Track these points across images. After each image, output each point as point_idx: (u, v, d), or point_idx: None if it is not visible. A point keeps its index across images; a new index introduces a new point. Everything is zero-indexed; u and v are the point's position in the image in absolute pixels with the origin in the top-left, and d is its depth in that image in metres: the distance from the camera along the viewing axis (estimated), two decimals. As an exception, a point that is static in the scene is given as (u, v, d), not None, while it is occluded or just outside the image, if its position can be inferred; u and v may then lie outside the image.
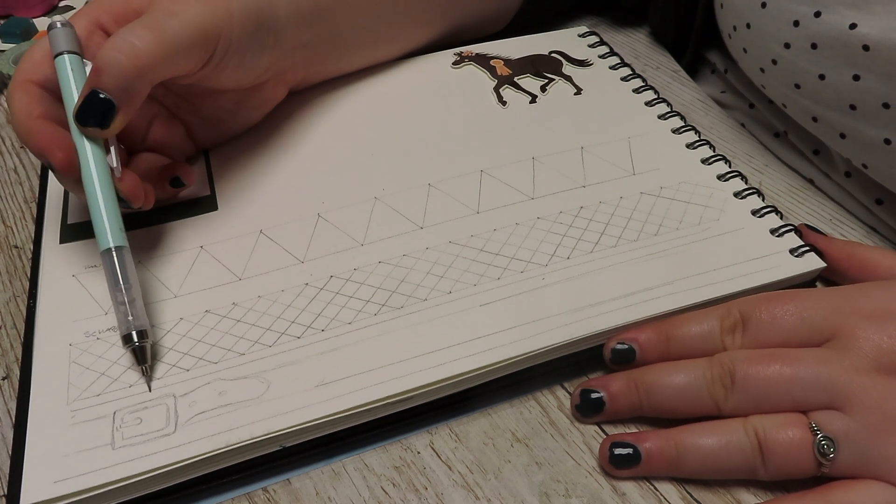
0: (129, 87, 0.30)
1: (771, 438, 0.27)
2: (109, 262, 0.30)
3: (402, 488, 0.28)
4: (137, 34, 0.30)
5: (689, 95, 0.47)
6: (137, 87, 0.30)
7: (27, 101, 0.31)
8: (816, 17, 0.35)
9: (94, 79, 0.29)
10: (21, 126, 0.30)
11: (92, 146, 0.30)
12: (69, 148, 0.30)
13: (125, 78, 0.29)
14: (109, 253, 0.30)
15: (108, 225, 0.30)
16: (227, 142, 0.40)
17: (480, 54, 0.46)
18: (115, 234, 0.30)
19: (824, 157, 0.41)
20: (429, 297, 0.32)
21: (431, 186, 0.37)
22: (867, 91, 0.34)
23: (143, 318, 0.29)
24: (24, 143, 0.30)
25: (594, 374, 0.32)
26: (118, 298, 0.29)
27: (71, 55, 0.31)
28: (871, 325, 0.27)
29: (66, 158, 0.30)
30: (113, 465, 0.26)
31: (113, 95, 0.29)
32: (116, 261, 0.30)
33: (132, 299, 0.29)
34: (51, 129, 0.30)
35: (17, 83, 0.31)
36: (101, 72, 0.29)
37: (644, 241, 0.34)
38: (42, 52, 0.32)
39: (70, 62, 0.31)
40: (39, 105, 0.31)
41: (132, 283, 0.30)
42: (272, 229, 0.35)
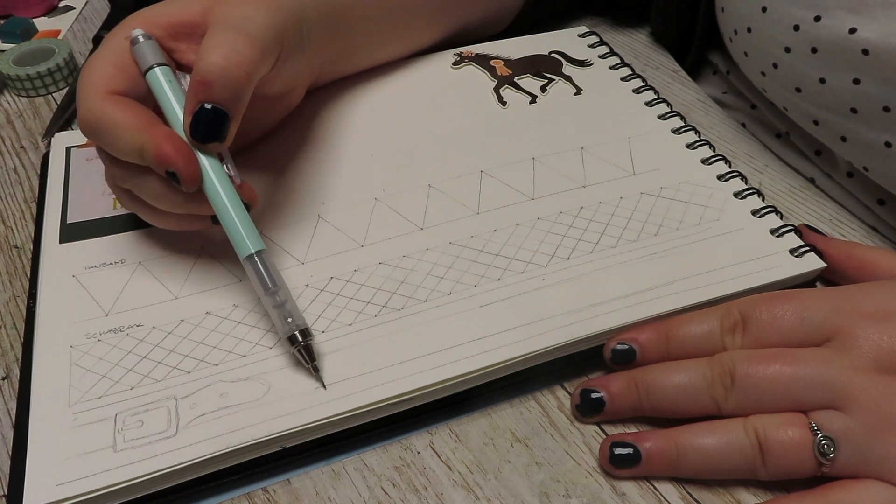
0: (240, 95, 0.29)
1: (771, 438, 0.27)
2: (256, 268, 0.29)
3: (402, 488, 0.28)
4: (235, 40, 0.29)
5: (689, 95, 0.47)
6: (246, 95, 0.30)
7: (133, 110, 0.29)
8: (816, 21, 0.35)
9: (204, 91, 0.29)
10: (139, 134, 0.28)
11: (209, 157, 0.30)
12: (193, 156, 0.29)
13: (237, 87, 0.29)
14: (253, 259, 0.29)
15: (245, 231, 0.29)
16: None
17: (480, 54, 0.46)
18: (254, 240, 0.30)
19: (826, 157, 0.41)
20: (429, 299, 0.32)
21: (431, 187, 0.37)
22: (867, 95, 0.34)
23: (300, 317, 0.29)
24: (137, 154, 0.29)
25: (594, 374, 0.32)
26: (271, 302, 0.29)
27: (163, 67, 0.30)
28: (871, 325, 0.27)
29: (193, 167, 0.29)
30: (115, 467, 0.26)
31: (225, 106, 0.29)
32: (262, 265, 0.29)
33: (284, 300, 0.29)
34: (173, 135, 0.29)
35: (101, 95, 0.29)
36: (211, 84, 0.28)
37: (644, 242, 0.34)
38: (111, 65, 0.30)
39: (163, 75, 0.30)
40: (146, 112, 0.30)
41: (280, 283, 0.29)
42: (272, 230, 0.35)
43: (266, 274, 0.29)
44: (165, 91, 0.30)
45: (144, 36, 0.31)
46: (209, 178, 0.29)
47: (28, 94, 0.49)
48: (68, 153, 0.40)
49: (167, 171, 0.28)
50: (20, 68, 0.49)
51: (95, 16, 0.58)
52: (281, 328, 0.29)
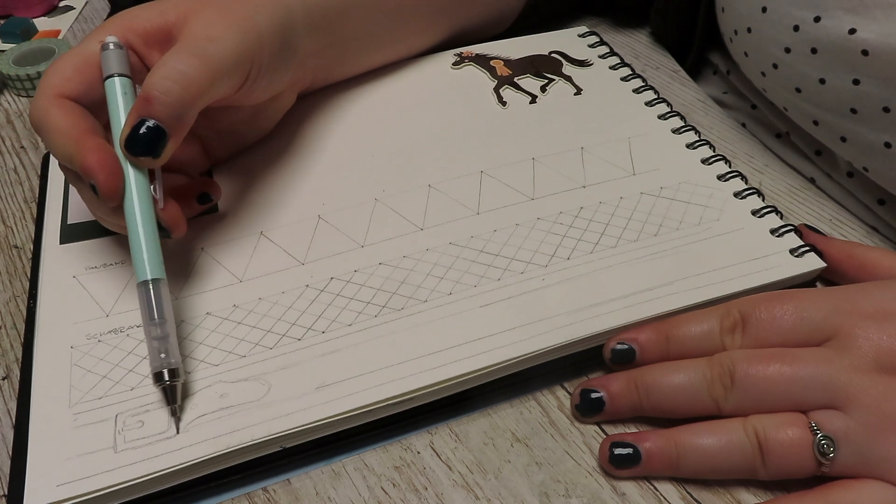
0: (182, 115, 0.29)
1: (771, 438, 0.27)
2: (145, 295, 0.29)
3: (402, 488, 0.28)
4: (186, 61, 0.29)
5: (689, 95, 0.47)
6: (189, 115, 0.30)
7: (72, 116, 0.29)
8: (816, 21, 0.35)
9: (145, 107, 0.29)
10: (70, 142, 0.29)
11: (137, 174, 0.29)
12: (117, 172, 0.29)
13: (178, 106, 0.29)
14: (146, 285, 0.29)
15: (147, 256, 0.29)
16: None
17: (480, 55, 0.46)
18: (153, 267, 0.29)
19: (826, 157, 0.41)
20: (429, 299, 0.32)
21: (431, 187, 0.37)
22: (867, 95, 0.34)
23: (175, 355, 0.28)
24: (67, 160, 0.29)
25: (594, 374, 0.32)
26: (152, 333, 0.28)
27: (122, 78, 0.30)
28: (871, 325, 0.27)
29: (114, 183, 0.29)
30: (115, 468, 0.26)
31: (165, 124, 0.29)
32: (153, 294, 0.29)
33: (165, 335, 0.28)
34: (103, 148, 0.29)
35: (50, 97, 0.30)
36: (152, 100, 0.28)
37: (644, 242, 0.34)
38: (72, 67, 0.31)
39: (120, 85, 0.30)
40: (84, 119, 0.30)
41: (167, 317, 0.29)
42: (273, 231, 0.35)
43: (155, 304, 0.29)
44: (117, 101, 0.30)
45: (116, 44, 0.31)
46: (129, 195, 0.29)
47: (28, 94, 0.50)
48: (68, 153, 0.40)
49: (91, 183, 0.29)
50: (20, 68, 0.49)
51: (95, 16, 0.58)
52: (152, 362, 0.28)
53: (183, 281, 0.33)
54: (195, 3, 0.32)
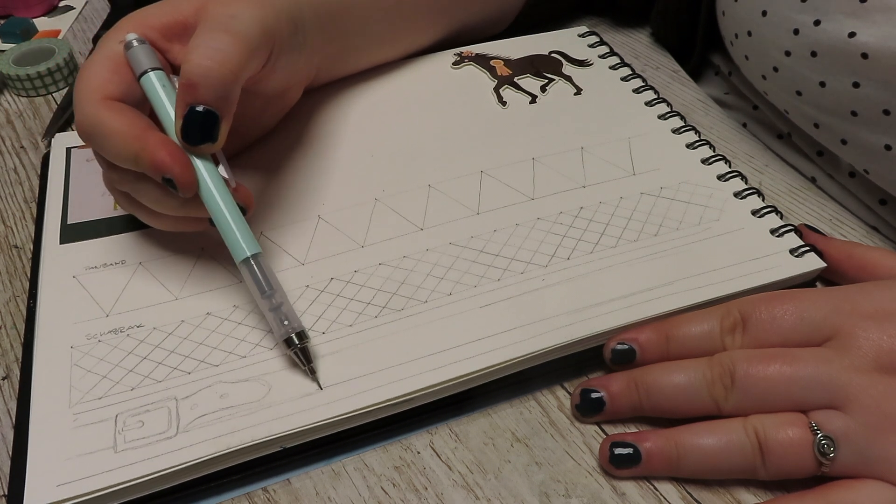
0: (227, 94, 0.29)
1: (771, 438, 0.27)
2: (251, 272, 0.29)
3: (402, 488, 0.28)
4: (219, 38, 0.29)
5: (689, 95, 0.47)
6: (234, 93, 0.29)
7: (127, 116, 0.29)
8: (816, 25, 0.35)
9: (190, 93, 0.28)
10: (133, 141, 0.28)
11: (204, 161, 0.30)
12: (189, 162, 0.29)
13: (223, 86, 0.29)
14: (249, 262, 0.29)
15: (241, 235, 0.29)
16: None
17: (480, 54, 0.46)
18: (250, 243, 0.30)
19: (828, 157, 0.41)
20: (429, 299, 0.32)
21: (431, 187, 0.37)
22: (867, 98, 0.34)
23: (296, 319, 0.29)
24: (132, 161, 0.28)
25: (594, 374, 0.32)
26: (267, 305, 0.29)
27: (156, 72, 0.30)
28: (871, 325, 0.28)
29: (190, 173, 0.29)
30: (115, 468, 0.26)
31: (214, 106, 0.29)
32: (258, 269, 0.29)
33: (280, 303, 0.29)
34: (168, 141, 0.29)
35: (97, 101, 0.29)
36: (196, 85, 0.28)
37: (644, 242, 0.34)
38: (106, 69, 0.30)
39: (157, 79, 0.30)
40: (140, 118, 0.29)
41: (276, 287, 0.30)
42: (272, 231, 0.35)
43: (262, 277, 0.29)
44: (160, 95, 0.30)
45: (138, 40, 0.31)
46: (205, 183, 0.29)
47: (28, 94, 0.50)
48: (69, 153, 0.40)
49: (164, 178, 0.28)
50: (20, 68, 0.49)
51: (95, 16, 0.58)
52: (277, 331, 0.29)
53: (183, 281, 0.33)
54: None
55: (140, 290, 0.33)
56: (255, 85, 0.33)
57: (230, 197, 0.30)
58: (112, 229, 0.36)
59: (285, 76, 0.35)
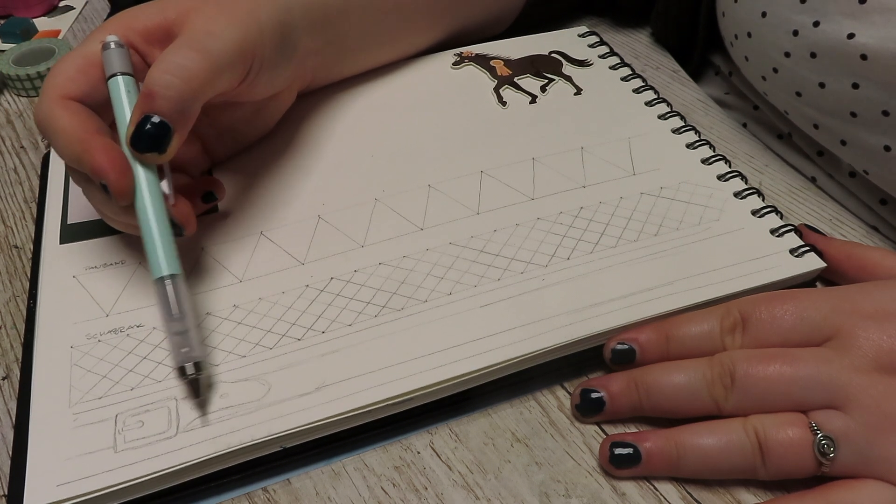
0: (185, 109, 0.29)
1: (771, 438, 0.27)
2: (163, 292, 0.29)
3: (402, 488, 0.28)
4: (186, 55, 0.29)
5: (689, 95, 0.47)
6: (192, 109, 0.30)
7: (79, 117, 0.29)
8: (815, 26, 0.35)
9: (148, 103, 0.29)
10: (77, 142, 0.29)
11: (146, 171, 0.29)
12: (127, 170, 0.29)
13: (181, 100, 0.29)
14: (163, 282, 0.29)
15: (163, 252, 0.29)
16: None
17: (480, 55, 0.46)
18: (170, 262, 0.29)
19: (828, 158, 0.41)
20: (429, 299, 0.32)
21: (431, 187, 0.37)
22: (867, 99, 0.34)
23: (198, 349, 0.28)
24: (75, 161, 0.29)
25: (594, 374, 0.32)
26: (172, 329, 0.28)
27: (125, 77, 0.30)
28: (871, 325, 0.28)
29: (125, 182, 0.28)
30: (115, 468, 0.26)
31: (169, 119, 0.29)
32: (171, 290, 0.29)
33: (186, 329, 0.28)
34: (111, 147, 0.29)
35: (54, 98, 0.30)
36: (154, 95, 0.28)
37: (644, 242, 0.34)
38: (74, 68, 0.30)
39: (124, 84, 0.30)
40: (90, 119, 0.30)
41: (186, 312, 0.29)
42: (273, 231, 0.35)
43: (172, 300, 0.29)
44: (122, 99, 0.30)
45: (117, 43, 0.31)
46: (140, 193, 0.29)
47: (28, 94, 0.50)
48: (68, 153, 0.40)
49: (101, 183, 0.29)
50: (20, 68, 0.49)
51: (95, 16, 0.58)
52: (174, 357, 0.28)
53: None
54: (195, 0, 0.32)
55: (140, 290, 0.33)
56: (235, 98, 0.34)
57: (163, 212, 0.29)
58: (112, 229, 0.35)
59: (272, 86, 0.36)
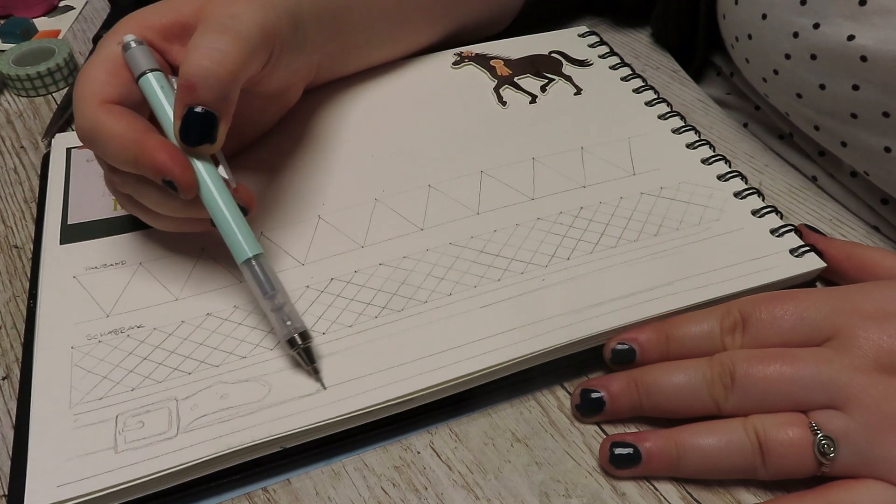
0: (226, 95, 0.29)
1: (771, 438, 0.27)
2: (254, 272, 0.29)
3: (402, 488, 0.28)
4: (217, 39, 0.29)
5: (689, 95, 0.47)
6: (233, 94, 0.29)
7: (126, 119, 0.29)
8: (815, 28, 0.35)
9: (189, 94, 0.28)
10: (133, 144, 0.28)
11: (203, 161, 0.30)
12: (189, 164, 0.29)
13: (221, 87, 0.29)
14: (251, 263, 0.29)
15: (242, 236, 0.29)
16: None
17: (480, 54, 0.46)
18: (251, 244, 0.30)
19: (830, 158, 0.41)
20: (429, 299, 0.32)
21: (431, 187, 0.37)
22: (867, 101, 0.34)
23: (299, 320, 0.30)
24: (132, 163, 0.28)
25: (594, 374, 0.32)
26: (271, 305, 0.29)
27: (155, 73, 0.30)
28: (871, 325, 0.28)
29: (190, 175, 0.29)
30: (116, 468, 0.26)
31: (213, 107, 0.29)
32: (260, 269, 0.29)
33: (283, 303, 0.29)
34: (167, 144, 0.29)
35: (96, 104, 0.29)
36: (195, 86, 0.28)
37: (644, 242, 0.34)
38: (104, 72, 0.30)
39: (156, 80, 0.30)
40: (138, 121, 0.29)
41: (278, 287, 0.30)
42: (272, 231, 0.35)
43: (264, 278, 0.30)
44: (159, 96, 0.30)
45: (136, 41, 0.30)
46: (205, 184, 0.29)
47: (28, 94, 0.50)
48: (69, 154, 0.40)
49: (164, 180, 0.28)
50: (20, 68, 0.49)
51: (95, 16, 0.58)
52: (280, 331, 0.29)
53: (184, 282, 0.33)
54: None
55: (140, 291, 0.33)
56: (255, 85, 0.33)
57: (231, 198, 0.30)
58: (112, 230, 0.36)
59: (286, 76, 0.35)
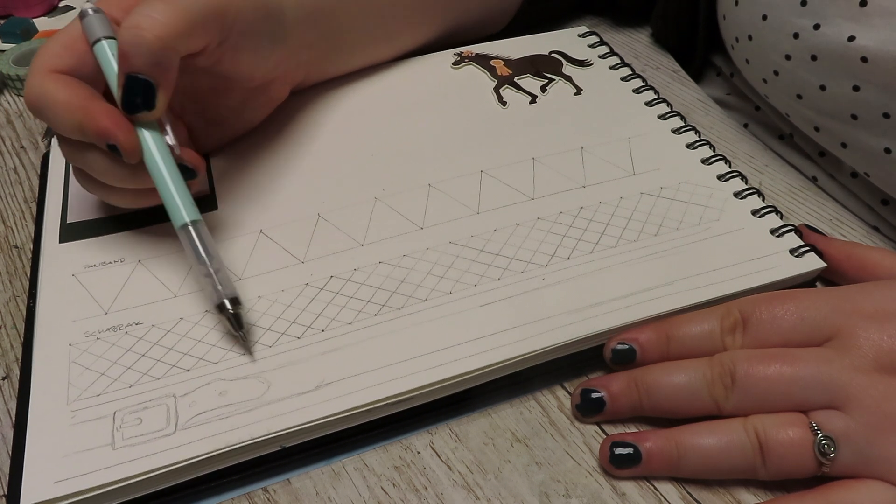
0: (160, 61, 0.29)
1: (771, 438, 0.27)
2: (188, 237, 0.30)
3: (402, 488, 0.28)
4: (154, 7, 0.29)
5: (689, 95, 0.47)
6: (168, 60, 0.30)
7: (72, 86, 0.30)
8: (816, 29, 0.35)
9: (125, 63, 0.29)
10: (77, 110, 0.29)
11: (148, 128, 0.30)
12: (131, 128, 0.29)
13: (154, 53, 0.29)
14: (187, 228, 0.30)
15: (181, 201, 0.30)
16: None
17: (480, 54, 0.46)
18: (189, 210, 0.30)
19: (830, 158, 0.41)
20: (429, 298, 0.32)
21: (431, 187, 0.37)
22: (867, 101, 0.34)
23: (231, 286, 0.30)
24: (77, 129, 0.29)
25: (594, 374, 0.32)
26: (204, 271, 0.30)
27: (109, 40, 0.31)
28: (871, 325, 0.27)
29: (134, 139, 0.29)
30: (113, 465, 0.26)
31: (147, 73, 0.29)
32: (195, 235, 0.30)
33: (217, 269, 0.30)
34: (111, 109, 0.29)
35: (44, 72, 0.30)
36: (128, 55, 0.29)
37: (644, 242, 0.34)
38: (59, 45, 0.31)
39: (109, 47, 0.31)
40: (83, 88, 0.30)
41: (213, 254, 0.30)
42: (272, 229, 0.35)
43: (200, 244, 0.30)
44: (110, 62, 0.31)
45: (94, 9, 0.31)
46: (148, 149, 0.30)
47: (28, 93, 0.49)
48: (68, 152, 0.40)
49: (108, 145, 0.29)
50: (20, 68, 0.49)
51: (96, 16, 0.58)
52: (211, 296, 0.30)
53: (182, 278, 0.33)
54: None
55: (139, 288, 0.33)
56: (220, 65, 0.33)
57: (173, 163, 0.30)
58: (111, 228, 0.36)
59: (262, 67, 0.35)
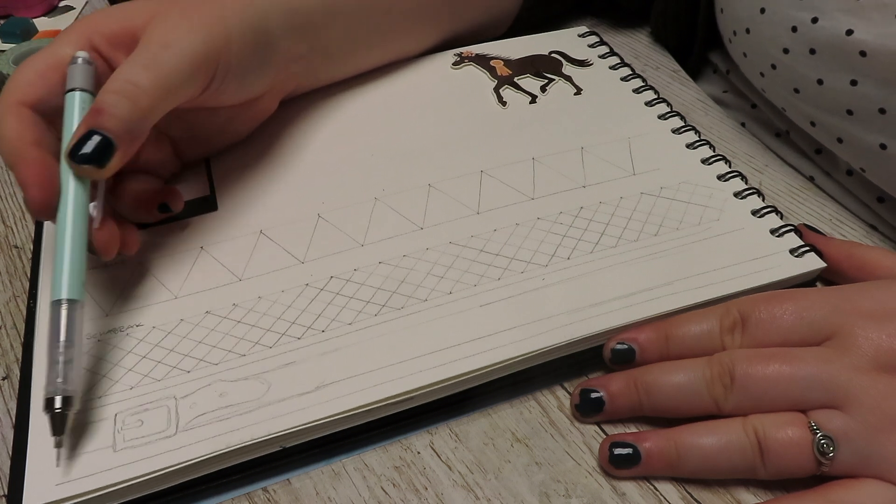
0: (132, 128, 0.29)
1: (770, 437, 0.27)
2: (57, 315, 0.27)
3: (402, 488, 0.28)
4: (138, 74, 0.29)
5: (689, 95, 0.47)
6: (140, 129, 0.29)
7: (22, 125, 0.29)
8: (814, 22, 0.35)
9: (95, 118, 0.28)
10: (12, 151, 0.29)
11: (77, 190, 0.29)
12: (49, 187, 0.28)
13: (128, 120, 0.28)
14: (59, 305, 0.27)
15: (68, 275, 0.28)
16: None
17: (480, 55, 0.46)
18: (73, 287, 0.28)
19: (826, 155, 0.41)
20: (429, 298, 0.32)
21: (431, 187, 0.37)
22: (864, 96, 0.34)
23: (74, 383, 0.27)
24: (10, 168, 0.29)
25: (594, 373, 0.32)
26: (55, 355, 0.27)
27: (83, 93, 0.30)
28: (871, 325, 0.27)
29: (42, 197, 0.28)
30: (114, 467, 0.26)
31: (114, 135, 0.28)
32: (64, 315, 0.27)
33: (69, 360, 0.27)
34: (41, 161, 0.29)
35: (9, 104, 0.30)
36: (102, 112, 0.28)
37: (644, 242, 0.34)
38: (34, 72, 0.30)
39: (80, 100, 0.30)
40: (31, 130, 0.30)
41: (75, 342, 0.27)
42: (272, 230, 0.35)
43: (64, 325, 0.27)
44: (73, 114, 0.30)
45: (85, 60, 0.31)
46: (64, 210, 0.28)
47: (28, 94, 0.49)
48: (68, 153, 0.40)
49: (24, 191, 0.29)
50: (20, 68, 0.49)
51: (95, 16, 0.58)
52: (47, 385, 0.26)
53: (182, 280, 0.33)
54: (162, 5, 0.32)
55: (139, 290, 0.33)
56: (205, 103, 0.33)
57: (82, 232, 0.28)
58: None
59: (243, 92, 0.35)
